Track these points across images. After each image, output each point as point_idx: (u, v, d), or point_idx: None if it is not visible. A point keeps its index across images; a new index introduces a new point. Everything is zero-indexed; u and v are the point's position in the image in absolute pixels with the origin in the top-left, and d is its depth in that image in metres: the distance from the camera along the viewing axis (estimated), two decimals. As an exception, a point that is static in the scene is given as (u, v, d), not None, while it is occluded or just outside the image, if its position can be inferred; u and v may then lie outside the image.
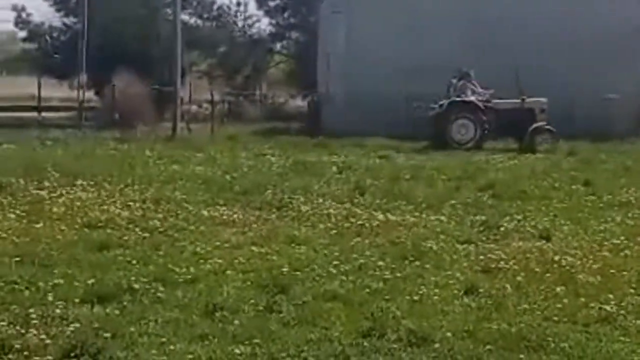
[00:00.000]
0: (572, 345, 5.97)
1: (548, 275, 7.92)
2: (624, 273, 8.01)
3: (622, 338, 6.18)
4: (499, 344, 5.97)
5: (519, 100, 21.98)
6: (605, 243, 9.41)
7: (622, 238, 9.66)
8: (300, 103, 35.79)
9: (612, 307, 6.83)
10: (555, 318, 6.62)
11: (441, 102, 22.12)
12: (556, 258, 8.56)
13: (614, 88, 25.12)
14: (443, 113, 22.00)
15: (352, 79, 26.53)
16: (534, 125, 21.53)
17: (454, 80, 22.47)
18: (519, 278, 7.75)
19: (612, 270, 8.09)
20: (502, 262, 8.36)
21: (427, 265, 8.25)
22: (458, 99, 22.11)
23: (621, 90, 25.20)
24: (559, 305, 6.91)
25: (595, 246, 9.25)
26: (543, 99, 22.07)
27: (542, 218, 10.92)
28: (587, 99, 24.11)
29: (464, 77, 22.41)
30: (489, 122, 21.85)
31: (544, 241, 9.51)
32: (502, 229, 10.14)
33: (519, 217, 10.87)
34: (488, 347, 5.91)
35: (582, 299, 7.10)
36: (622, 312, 6.77)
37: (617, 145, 21.96)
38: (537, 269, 8.12)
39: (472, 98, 22.03)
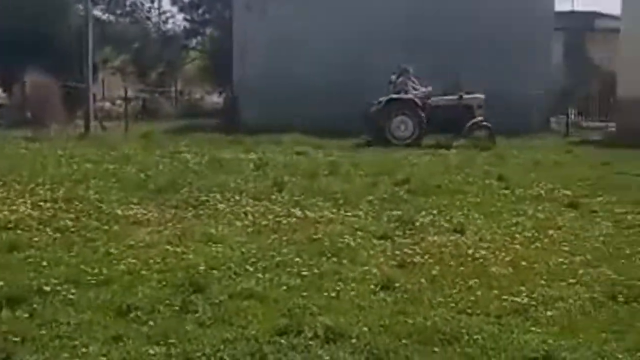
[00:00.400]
0: (485, 337, 6.07)
1: (462, 268, 8.04)
2: (535, 265, 8.19)
3: (533, 328, 6.31)
4: (415, 338, 6.03)
5: (456, 97, 22.25)
6: (517, 236, 9.60)
7: (534, 231, 9.87)
8: (216, 99, 35.56)
9: (523, 299, 6.98)
10: (469, 310, 6.72)
11: (380, 99, 22.20)
12: (470, 251, 8.69)
13: (525, 84, 25.64)
14: (382, 110, 22.07)
15: (269, 74, 26.44)
16: (472, 121, 21.79)
17: (394, 77, 22.57)
18: (434, 272, 7.84)
19: (523, 263, 8.26)
20: (417, 257, 8.45)
21: (344, 261, 8.27)
22: (397, 95, 22.22)
23: (531, 86, 25.76)
24: (473, 298, 7.02)
25: (508, 239, 9.42)
26: (481, 96, 22.36)
27: (456, 212, 11.07)
28: (495, 95, 24.45)
29: (403, 73, 22.53)
30: (428, 119, 22.01)
31: (458, 235, 9.63)
32: (417, 223, 10.23)
33: (434, 212, 11.00)
34: (404, 341, 5.96)
35: (495, 291, 7.22)
36: (534, 303, 6.91)
37: (527, 141, 22.47)
38: (451, 263, 8.24)
39: (411, 95, 22.17)
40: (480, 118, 21.92)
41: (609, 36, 28.86)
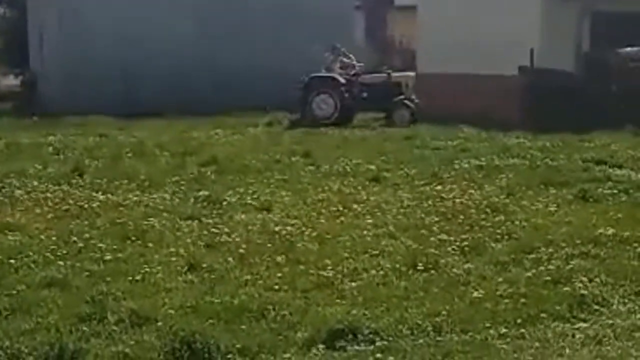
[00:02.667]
0: (292, 311, 6.14)
1: (269, 245, 8.09)
2: (340, 239, 8.36)
3: (338, 300, 6.45)
4: (222, 317, 6.02)
5: (385, 75, 21.59)
6: (323, 211, 9.75)
7: (339, 206, 10.05)
8: (13, 82, 33.87)
9: (329, 272, 7.12)
10: (276, 287, 6.77)
11: (302, 78, 21.54)
12: (277, 229, 8.75)
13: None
14: (304, 88, 21.30)
15: (68, 55, 25.42)
16: (395, 100, 21.01)
17: (327, 55, 21.73)
18: (241, 250, 7.84)
19: (329, 237, 8.42)
20: (225, 236, 8.42)
21: (150, 244, 8.13)
22: (319, 74, 21.43)
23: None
24: (280, 274, 7.08)
25: (314, 215, 9.56)
26: (411, 73, 21.81)
27: (263, 190, 11.11)
28: (301, 73, 24.68)
29: (333, 51, 21.76)
30: (354, 97, 21.22)
31: (265, 213, 9.68)
32: (224, 203, 10.20)
33: (242, 191, 10.98)
34: (211, 320, 5.93)
35: (302, 267, 7.32)
36: (339, 276, 7.06)
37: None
38: (259, 241, 8.27)
39: (335, 73, 21.37)
40: (402, 97, 21.04)
41: (408, 14, 29.82)
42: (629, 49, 19.73)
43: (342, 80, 21.49)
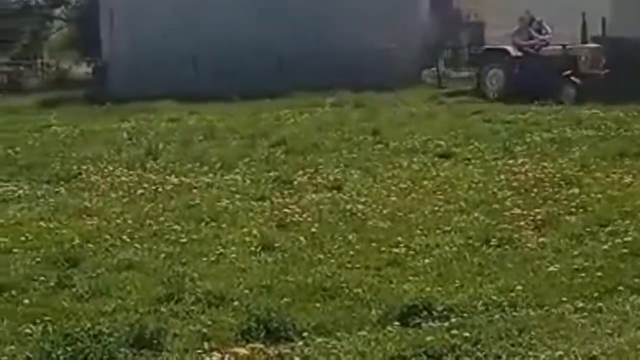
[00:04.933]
0: (365, 289, 6.17)
1: (341, 224, 8.12)
2: (411, 216, 8.34)
3: (411, 278, 6.45)
4: (297, 296, 6.08)
5: (560, 47, 19.83)
6: (393, 188, 9.73)
7: (409, 183, 10.02)
8: (86, 69, 34.54)
9: (401, 249, 7.13)
10: (349, 265, 6.81)
11: (473, 50, 21.15)
12: (348, 207, 8.78)
13: (392, 38, 25.71)
14: (478, 61, 20.87)
15: (139, 39, 25.75)
16: (563, 75, 18.75)
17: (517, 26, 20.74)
18: (313, 229, 7.89)
19: (400, 214, 8.41)
20: (296, 216, 8.48)
21: (223, 225, 8.24)
22: (492, 46, 20.87)
23: (399, 40, 25.86)
24: (352, 252, 7.12)
25: (384, 192, 9.55)
26: (593, 45, 19.43)
27: (333, 169, 11.14)
28: (365, 50, 24.48)
29: (523, 20, 20.63)
30: (536, 71, 19.38)
31: (335, 192, 9.71)
32: (295, 182, 10.26)
33: (311, 170, 11.02)
34: (286, 299, 6.00)
35: (374, 244, 7.34)
36: (411, 253, 7.07)
37: (399, 94, 22.61)
38: (330, 219, 8.31)
39: (511, 45, 20.29)
40: (570, 72, 18.87)
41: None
42: None
43: (514, 53, 20.13)
